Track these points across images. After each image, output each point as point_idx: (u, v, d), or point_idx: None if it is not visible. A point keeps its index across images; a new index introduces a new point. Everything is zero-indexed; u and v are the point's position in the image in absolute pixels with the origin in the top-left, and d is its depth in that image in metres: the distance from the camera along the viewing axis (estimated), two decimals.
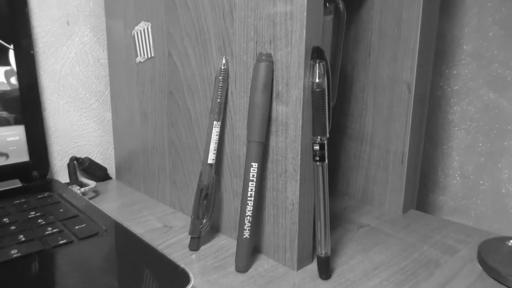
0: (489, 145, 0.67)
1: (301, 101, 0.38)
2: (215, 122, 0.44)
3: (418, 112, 0.55)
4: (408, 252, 0.46)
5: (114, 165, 0.74)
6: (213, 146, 0.44)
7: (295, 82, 0.38)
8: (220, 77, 0.44)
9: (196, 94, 0.50)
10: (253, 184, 0.40)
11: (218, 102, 0.44)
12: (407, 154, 0.55)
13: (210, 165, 0.45)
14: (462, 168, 0.71)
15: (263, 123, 0.39)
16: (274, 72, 0.40)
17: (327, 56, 0.38)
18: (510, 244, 0.46)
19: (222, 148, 0.47)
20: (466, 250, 0.47)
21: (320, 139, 0.38)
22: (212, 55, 0.47)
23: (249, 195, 0.40)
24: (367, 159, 0.60)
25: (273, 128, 0.41)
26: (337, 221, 0.55)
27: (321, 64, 0.37)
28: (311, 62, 0.37)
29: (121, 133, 0.69)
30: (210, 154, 0.45)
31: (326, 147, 0.38)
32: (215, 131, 0.44)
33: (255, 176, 0.40)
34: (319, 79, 0.37)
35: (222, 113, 0.45)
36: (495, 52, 0.64)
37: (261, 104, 0.39)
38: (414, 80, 0.53)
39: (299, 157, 0.39)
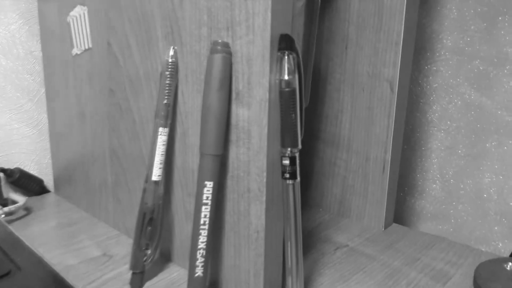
0: (471, 147, 0.64)
1: (267, 103, 0.30)
2: (161, 129, 0.36)
3: (400, 114, 0.49)
4: (394, 280, 0.40)
5: (52, 176, 0.64)
6: (158, 159, 0.36)
7: (258, 79, 0.30)
8: (167, 73, 0.36)
9: (140, 93, 0.42)
10: (207, 208, 0.32)
11: (165, 103, 0.36)
12: (389, 162, 0.49)
13: (156, 182, 0.37)
14: (441, 171, 0.68)
15: (220, 131, 0.32)
16: (233, 67, 0.32)
17: (299, 47, 0.30)
18: (509, 268, 0.40)
19: (172, 160, 0.39)
20: (459, 276, 0.41)
21: (291, 151, 0.31)
22: (158, 45, 0.38)
23: (202, 222, 0.32)
24: (344, 167, 0.54)
25: (233, 136, 0.33)
26: (310, 240, 0.48)
27: (291, 56, 0.29)
28: (279, 54, 0.30)
29: (59, 139, 0.59)
30: (155, 169, 0.36)
31: (298, 161, 0.31)
32: (161, 140, 0.36)
33: (209, 198, 0.32)
34: (288, 75, 0.30)
35: (170, 117, 0.37)
36: (477, 47, 0.60)
37: (217, 106, 0.31)
38: (398, 77, 0.47)
39: (265, 173, 0.31)
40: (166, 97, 0.36)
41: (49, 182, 0.65)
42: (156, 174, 0.36)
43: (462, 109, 0.63)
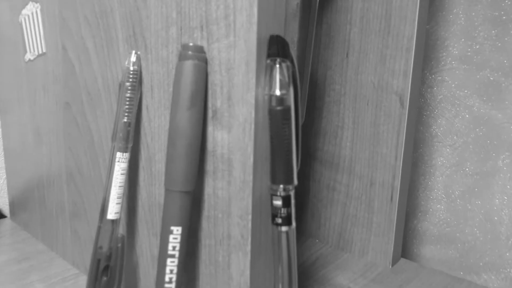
0: (479, 164, 0.60)
1: (252, 126, 0.23)
2: (119, 155, 0.29)
3: (411, 132, 0.43)
4: None
5: (7, 198, 0.57)
6: (116, 192, 0.29)
7: (241, 94, 0.23)
8: (128, 83, 0.29)
9: (98, 107, 0.35)
10: (173, 261, 0.25)
11: (125, 122, 0.29)
12: (398, 189, 0.43)
13: (113, 221, 0.29)
14: (447, 190, 0.64)
15: (191, 160, 0.25)
16: (209, 77, 0.25)
17: (294, 54, 0.24)
18: None
19: (135, 192, 0.32)
20: None
21: (284, 189, 0.24)
22: (119, 49, 0.31)
23: (167, 280, 0.25)
24: (345, 192, 0.47)
25: (209, 166, 0.26)
26: (307, 284, 0.41)
27: (284, 65, 0.23)
28: (268, 61, 0.23)
29: (14, 157, 0.51)
30: (111, 204, 0.29)
31: (293, 200, 0.24)
32: (120, 168, 0.29)
33: (177, 248, 0.25)
34: (281, 90, 0.23)
35: (131, 139, 0.30)
36: (487, 55, 0.56)
37: (187, 128, 0.24)
38: (409, 89, 0.40)
39: (250, 216, 0.24)
40: (126, 114, 0.29)
41: (4, 206, 0.57)
42: (113, 211, 0.29)
43: (470, 123, 0.60)
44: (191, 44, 0.24)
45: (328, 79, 0.47)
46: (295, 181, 0.24)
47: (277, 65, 0.23)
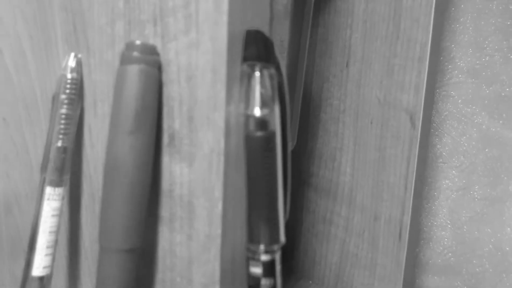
0: (489, 188, 0.57)
1: (221, 158, 0.17)
2: (50, 190, 0.22)
3: (423, 157, 0.37)
4: None
5: None
6: (45, 239, 0.22)
7: (207, 113, 0.17)
8: (64, 96, 0.22)
9: (37, 124, 0.28)
10: None
11: (59, 147, 0.22)
12: (407, 225, 0.37)
13: (41, 279, 0.22)
14: (452, 216, 0.61)
15: (135, 206, 0.18)
16: (164, 89, 0.18)
17: (281, 58, 0.17)
18: None
19: (77, 238, 0.25)
20: None
21: (267, 250, 0.17)
22: (58, 51, 0.25)
23: None
24: (344, 227, 0.42)
25: (164, 212, 0.19)
26: None
27: (266, 73, 0.16)
28: (245, 67, 0.16)
29: None
30: (38, 257, 0.22)
31: (278, 266, 0.17)
32: (50, 208, 0.22)
33: None
34: (262, 108, 0.16)
35: (67, 170, 0.23)
36: (497, 68, 0.53)
37: (128, 160, 0.17)
38: (422, 107, 0.35)
39: (218, 286, 0.17)
40: (60, 136, 0.22)
41: None
42: (41, 265, 0.22)
43: (478, 142, 0.57)
44: (137, 42, 0.18)
45: (324, 93, 0.42)
46: (282, 239, 0.17)
47: (257, 73, 0.16)
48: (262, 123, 0.16)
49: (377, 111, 0.38)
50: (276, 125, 0.17)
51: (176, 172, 0.19)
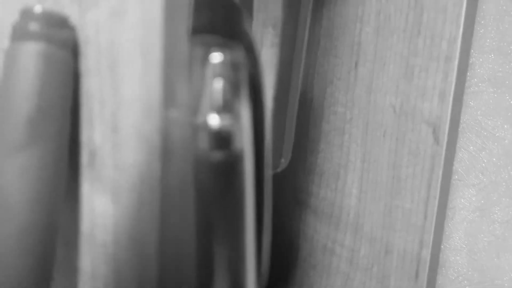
0: (511, 210, 0.52)
1: (154, 191, 0.11)
2: None
3: (447, 179, 0.32)
4: None
5: None
6: None
7: (136, 119, 0.11)
8: None
9: None
10: None
11: None
12: (427, 262, 0.32)
13: None
14: (469, 239, 0.58)
15: (35, 256, 0.12)
16: (83, 82, 0.13)
17: (251, 34, 0.12)
18: None
19: None
20: None
21: None
22: None
23: None
24: (348, 259, 0.37)
25: (84, 265, 0.13)
26: None
27: (229, 55, 0.10)
28: (195, 47, 0.10)
29: None
30: None
31: None
32: None
33: None
34: (221, 112, 0.10)
35: None
36: None
37: (19, 189, 0.11)
38: (448, 117, 0.30)
39: None
40: None
41: None
42: None
43: (499, 159, 0.52)
44: (37, 8, 0.12)
45: (328, 98, 0.37)
46: None
47: (213, 55, 0.10)
48: (221, 138, 0.10)
49: (391, 122, 0.33)
50: (244, 139, 0.11)
51: (98, 207, 0.13)
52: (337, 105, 0.36)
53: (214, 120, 0.11)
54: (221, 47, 0.11)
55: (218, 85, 0.11)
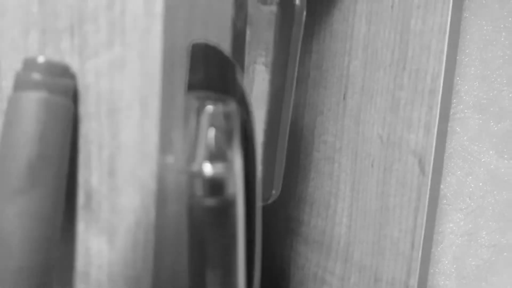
0: (499, 234, 0.53)
1: (149, 234, 0.11)
2: None
3: (433, 210, 0.32)
4: None
5: None
6: None
7: (133, 165, 0.11)
8: None
9: None
10: None
11: None
12: None
13: None
14: (457, 264, 0.57)
15: None
16: (81, 126, 0.13)
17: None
18: None
19: None
20: None
21: None
22: None
23: None
24: (339, 287, 0.36)
25: None
26: None
27: (221, 109, 0.11)
28: (190, 99, 0.11)
29: None
30: None
31: None
32: None
33: None
34: (214, 161, 0.11)
35: None
36: (507, 104, 0.50)
37: (19, 232, 0.12)
38: (433, 148, 0.30)
39: None
40: None
41: None
42: None
43: (486, 183, 0.52)
44: (40, 58, 0.12)
45: (318, 128, 0.37)
46: None
47: (207, 109, 0.11)
48: (215, 185, 0.11)
49: (379, 152, 0.33)
50: (236, 185, 0.11)
51: (93, 248, 0.13)
52: (327, 135, 0.36)
53: (208, 168, 0.11)
54: (215, 100, 0.12)
55: (211, 135, 0.11)
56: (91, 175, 0.13)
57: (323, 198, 0.37)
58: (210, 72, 0.11)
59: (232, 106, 0.11)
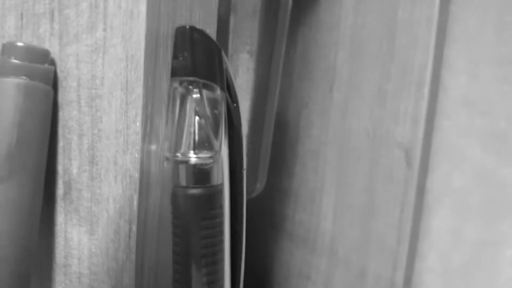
0: (483, 230, 0.54)
1: (132, 224, 0.11)
2: None
3: (420, 204, 0.33)
4: None
5: None
6: None
7: (114, 153, 0.11)
8: None
9: None
10: None
11: None
12: (401, 285, 0.32)
13: None
14: (443, 259, 0.58)
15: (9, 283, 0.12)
16: (60, 114, 0.13)
17: (232, 77, 0.12)
18: None
19: None
20: None
21: None
22: None
23: None
24: (323, 284, 0.37)
25: None
26: None
27: (206, 95, 0.11)
28: (176, 86, 0.11)
29: None
30: None
31: None
32: None
33: None
34: (198, 150, 0.11)
35: None
36: (492, 99, 0.52)
37: None
38: (420, 142, 0.30)
39: None
40: None
41: None
42: None
43: (471, 179, 0.53)
44: (18, 43, 0.12)
45: (303, 121, 0.37)
46: None
47: (193, 96, 0.11)
48: (200, 174, 0.11)
49: (365, 146, 0.33)
50: (222, 174, 0.12)
51: (73, 239, 0.13)
52: (312, 128, 0.36)
53: (193, 157, 0.11)
54: (200, 86, 0.12)
55: (197, 123, 0.12)
56: (71, 165, 0.13)
57: (308, 193, 0.37)
58: (195, 57, 0.11)
59: (218, 92, 0.11)
